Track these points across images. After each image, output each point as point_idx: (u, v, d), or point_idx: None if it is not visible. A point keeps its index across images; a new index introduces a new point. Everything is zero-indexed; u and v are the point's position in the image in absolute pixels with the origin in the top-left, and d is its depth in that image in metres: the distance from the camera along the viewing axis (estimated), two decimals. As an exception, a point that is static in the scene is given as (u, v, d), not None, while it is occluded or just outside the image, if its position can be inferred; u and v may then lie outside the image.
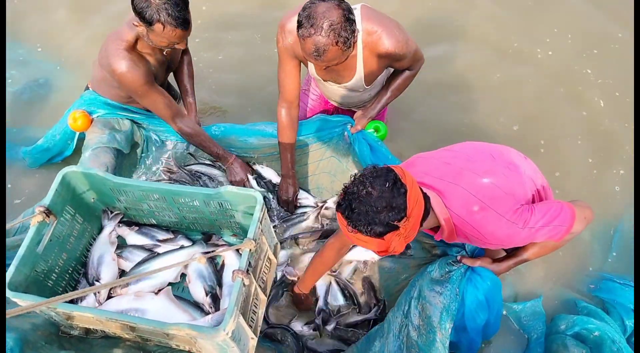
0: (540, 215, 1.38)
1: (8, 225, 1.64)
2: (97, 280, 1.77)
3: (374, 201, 1.22)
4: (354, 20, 1.65)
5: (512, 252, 1.61)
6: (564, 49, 3.21)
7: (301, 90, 2.45)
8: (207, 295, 1.69)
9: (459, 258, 1.63)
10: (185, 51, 2.37)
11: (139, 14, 1.79)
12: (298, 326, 1.96)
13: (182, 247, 1.89)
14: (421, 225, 1.32)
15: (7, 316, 1.06)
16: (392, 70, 2.11)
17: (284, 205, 2.27)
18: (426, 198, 1.33)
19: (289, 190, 2.22)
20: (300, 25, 1.62)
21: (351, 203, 1.24)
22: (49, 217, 1.63)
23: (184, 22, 1.83)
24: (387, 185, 1.22)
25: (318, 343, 1.93)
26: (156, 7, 1.77)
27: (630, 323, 1.90)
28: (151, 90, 2.03)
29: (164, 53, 2.09)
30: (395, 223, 1.22)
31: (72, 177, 1.73)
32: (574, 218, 1.40)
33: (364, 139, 2.10)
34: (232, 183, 2.25)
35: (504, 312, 2.01)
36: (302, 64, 2.02)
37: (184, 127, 2.15)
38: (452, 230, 1.45)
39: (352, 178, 1.28)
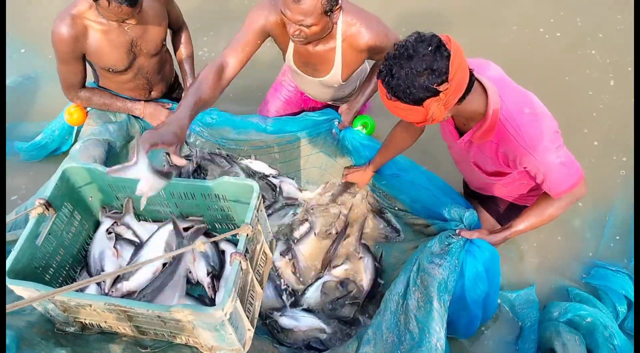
0: (565, 153, 1.46)
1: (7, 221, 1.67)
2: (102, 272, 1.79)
3: (414, 63, 1.20)
4: None
5: (507, 224, 1.67)
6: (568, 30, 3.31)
7: (277, 80, 2.51)
8: (208, 274, 1.72)
9: (457, 231, 1.67)
10: (182, 29, 2.36)
11: None
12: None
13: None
14: (463, 97, 1.31)
15: (18, 306, 1.05)
16: (367, 71, 2.16)
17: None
18: (471, 72, 1.32)
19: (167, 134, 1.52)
20: None
21: (392, 68, 1.24)
22: (48, 210, 1.66)
23: (132, 0, 1.79)
24: (429, 49, 1.22)
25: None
26: None
27: (622, 309, 1.94)
28: (63, 58, 2.02)
29: (126, 29, 2.03)
30: (435, 87, 1.21)
31: (72, 172, 1.76)
32: (580, 180, 1.47)
33: (354, 138, 2.15)
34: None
35: (498, 300, 2.04)
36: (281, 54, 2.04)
37: (77, 96, 2.15)
38: (494, 125, 1.44)
39: (396, 45, 1.28)
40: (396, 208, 2.12)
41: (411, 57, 1.21)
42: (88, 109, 2.29)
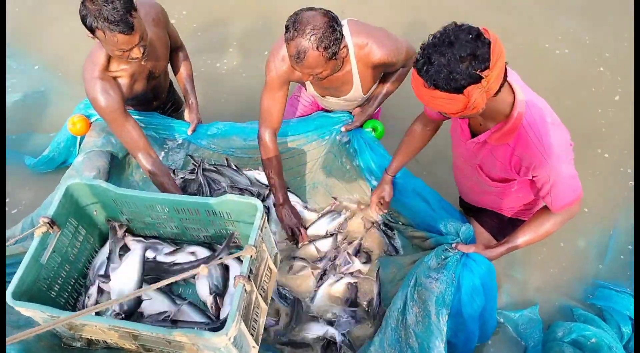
0: (573, 168, 1.47)
1: (12, 237, 1.67)
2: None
3: (456, 50, 1.18)
4: (340, 31, 1.70)
5: (504, 240, 1.67)
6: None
7: (292, 96, 2.51)
8: (211, 293, 1.74)
9: (454, 245, 1.67)
10: (180, 48, 2.35)
11: (83, 23, 1.70)
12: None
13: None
14: (499, 90, 1.29)
15: (32, 333, 1.04)
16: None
17: (290, 233, 2.16)
18: (505, 66, 1.30)
19: (291, 219, 2.15)
20: (286, 29, 1.68)
21: (430, 56, 1.21)
22: (52, 228, 1.66)
23: (124, 26, 1.68)
24: (470, 36, 1.20)
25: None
26: (93, 12, 1.65)
27: (627, 330, 1.93)
28: (119, 119, 1.96)
29: (143, 62, 1.96)
30: (477, 73, 1.19)
31: (75, 189, 1.76)
32: (580, 197, 1.49)
33: (362, 137, 2.17)
34: None
35: (501, 320, 2.03)
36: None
37: (146, 164, 2.03)
38: (516, 128, 1.44)
39: (431, 35, 1.25)
40: (400, 223, 2.11)
41: (452, 44, 1.19)
42: (92, 119, 2.28)
